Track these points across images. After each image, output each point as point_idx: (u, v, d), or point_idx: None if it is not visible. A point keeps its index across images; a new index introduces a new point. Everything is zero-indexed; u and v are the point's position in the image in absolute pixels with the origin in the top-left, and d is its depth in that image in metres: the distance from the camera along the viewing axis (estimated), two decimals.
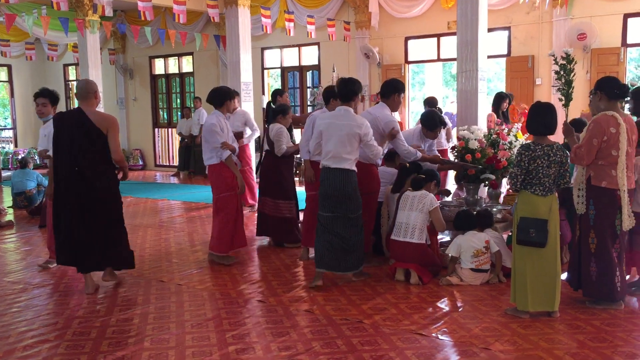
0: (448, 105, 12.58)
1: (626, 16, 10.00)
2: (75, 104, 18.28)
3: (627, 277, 5.06)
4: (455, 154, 6.14)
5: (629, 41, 10.10)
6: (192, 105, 14.29)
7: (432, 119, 6.30)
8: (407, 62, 12.50)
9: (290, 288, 5.14)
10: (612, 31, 10.08)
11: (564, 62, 5.37)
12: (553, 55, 5.48)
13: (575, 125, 5.10)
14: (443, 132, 7.63)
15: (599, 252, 4.39)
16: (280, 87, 11.64)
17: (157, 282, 5.43)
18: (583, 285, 4.51)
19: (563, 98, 5.35)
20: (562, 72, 5.35)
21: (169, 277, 5.58)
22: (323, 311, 4.54)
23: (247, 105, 10.66)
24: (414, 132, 6.39)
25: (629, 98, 5.25)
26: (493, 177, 5.81)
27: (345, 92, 5.14)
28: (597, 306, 4.47)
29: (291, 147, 6.58)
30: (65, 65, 17.97)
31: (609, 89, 4.36)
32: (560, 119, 4.58)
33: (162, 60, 16.31)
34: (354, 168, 5.08)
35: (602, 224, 4.38)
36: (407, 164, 5.79)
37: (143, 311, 4.63)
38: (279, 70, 14.57)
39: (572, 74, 5.26)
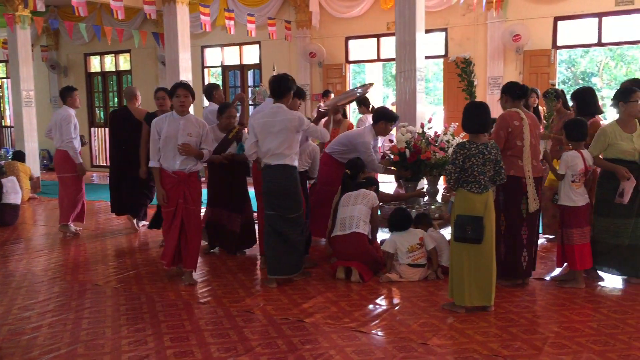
0: (388, 106, 12.73)
1: (556, 19, 10.40)
2: (6, 103, 17.64)
3: (560, 269, 5.30)
4: (390, 153, 6.22)
5: (559, 43, 10.50)
6: None
7: (389, 112, 6.33)
8: (347, 62, 12.60)
9: (231, 289, 5.08)
10: (543, 33, 10.46)
11: (464, 66, 5.81)
12: (454, 61, 5.82)
13: None
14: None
15: (508, 233, 4.94)
16: (215, 83, 11.42)
17: (92, 285, 5.27)
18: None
19: (469, 97, 5.76)
20: (464, 75, 5.81)
21: (105, 280, 5.43)
22: (264, 311, 4.51)
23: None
24: (364, 131, 6.32)
25: (570, 100, 5.78)
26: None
27: (278, 89, 5.10)
28: (503, 282, 4.93)
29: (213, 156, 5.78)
30: None
31: (511, 92, 4.99)
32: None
33: (98, 57, 15.87)
34: (295, 164, 5.09)
35: (511, 208, 4.92)
36: (348, 171, 5.80)
37: (77, 316, 4.49)
38: (220, 69, 14.42)
39: (472, 75, 5.78)
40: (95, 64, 16.04)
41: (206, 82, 14.27)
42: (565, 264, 5.14)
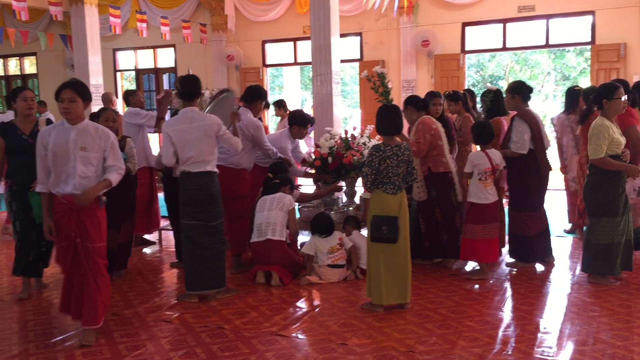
0: (307, 109, 12.85)
1: (464, 25, 10.84)
2: None
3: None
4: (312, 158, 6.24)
5: (467, 48, 10.95)
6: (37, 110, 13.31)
7: (302, 116, 6.34)
8: (265, 65, 12.59)
9: (147, 298, 4.95)
10: (452, 38, 10.88)
11: (378, 80, 6.00)
12: (366, 76, 6.02)
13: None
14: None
15: (445, 223, 5.53)
16: (132, 89, 11.10)
17: None
18: (434, 250, 5.63)
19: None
20: (380, 89, 6.01)
21: (11, 295, 5.14)
22: (182, 319, 4.42)
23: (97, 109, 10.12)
24: (281, 135, 6.30)
25: (480, 101, 6.26)
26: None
27: (190, 90, 4.86)
28: (447, 265, 5.60)
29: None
30: None
31: (415, 104, 5.65)
32: None
33: (1, 60, 15.05)
34: (216, 169, 4.89)
35: (444, 201, 5.52)
36: (270, 175, 5.76)
37: None
38: (134, 72, 14.03)
39: (387, 87, 6.04)
40: None
41: (119, 86, 13.89)
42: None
